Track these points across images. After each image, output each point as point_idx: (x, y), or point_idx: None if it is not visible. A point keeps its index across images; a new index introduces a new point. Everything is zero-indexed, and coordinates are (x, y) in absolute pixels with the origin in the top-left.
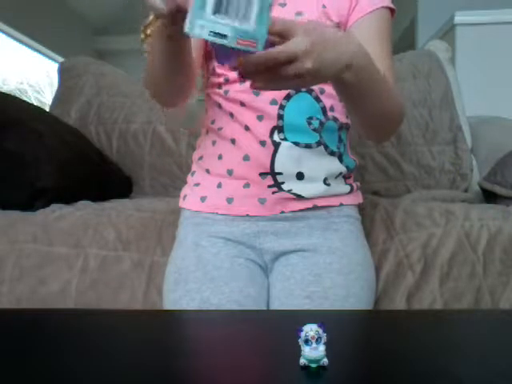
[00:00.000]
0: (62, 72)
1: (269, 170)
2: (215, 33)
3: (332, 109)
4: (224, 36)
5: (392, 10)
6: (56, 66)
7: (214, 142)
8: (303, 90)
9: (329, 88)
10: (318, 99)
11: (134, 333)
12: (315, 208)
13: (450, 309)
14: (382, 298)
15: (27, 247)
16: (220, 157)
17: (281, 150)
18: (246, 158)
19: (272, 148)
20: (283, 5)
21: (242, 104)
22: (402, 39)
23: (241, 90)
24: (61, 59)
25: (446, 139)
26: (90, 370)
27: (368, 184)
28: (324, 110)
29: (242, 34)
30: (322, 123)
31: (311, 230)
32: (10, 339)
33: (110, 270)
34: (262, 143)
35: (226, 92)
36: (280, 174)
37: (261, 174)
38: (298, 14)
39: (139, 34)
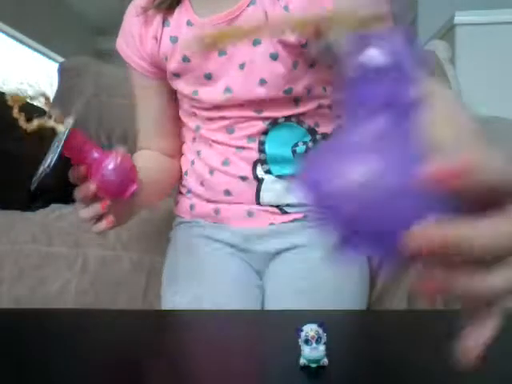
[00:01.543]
0: (62, 72)
1: (254, 204)
2: None
3: (317, 125)
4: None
5: None
6: (56, 65)
7: (192, 162)
8: (281, 119)
9: (310, 106)
10: (300, 122)
11: (134, 333)
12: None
13: (450, 309)
14: (383, 298)
15: (27, 247)
16: (202, 184)
17: (264, 186)
18: (227, 193)
19: (255, 184)
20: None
21: (217, 142)
22: None
23: (213, 128)
24: (61, 59)
25: None
26: (90, 370)
27: None
28: (310, 130)
29: None
30: (308, 148)
31: (303, 229)
32: (10, 339)
33: (109, 270)
34: (243, 178)
35: (198, 128)
36: (267, 205)
37: (246, 204)
38: (256, 42)
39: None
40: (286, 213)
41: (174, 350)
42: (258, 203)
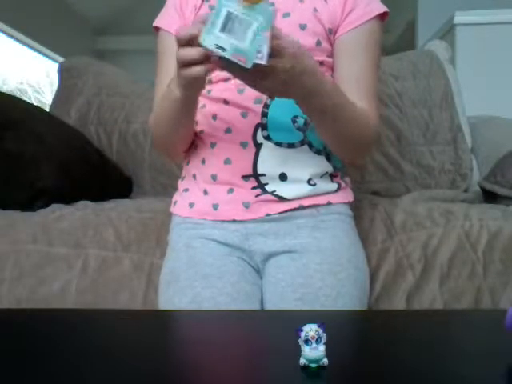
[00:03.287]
0: (62, 72)
1: (251, 172)
2: (218, 45)
3: None
4: (224, 49)
5: (384, 14)
6: (56, 65)
7: (196, 146)
8: None
9: None
10: None
11: (134, 333)
12: (302, 207)
13: (450, 309)
14: (382, 298)
15: (27, 247)
16: (203, 161)
17: (263, 150)
18: (228, 161)
19: (254, 149)
20: (271, 4)
21: (226, 102)
22: (402, 39)
23: (224, 88)
24: (61, 59)
25: (446, 139)
26: (90, 370)
27: (368, 184)
28: None
29: (237, 50)
30: (307, 122)
31: (299, 230)
32: (10, 339)
33: (109, 270)
34: (244, 145)
35: (209, 91)
36: (263, 175)
37: (243, 177)
38: (286, 14)
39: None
40: (281, 199)
41: (174, 350)
42: (255, 172)
